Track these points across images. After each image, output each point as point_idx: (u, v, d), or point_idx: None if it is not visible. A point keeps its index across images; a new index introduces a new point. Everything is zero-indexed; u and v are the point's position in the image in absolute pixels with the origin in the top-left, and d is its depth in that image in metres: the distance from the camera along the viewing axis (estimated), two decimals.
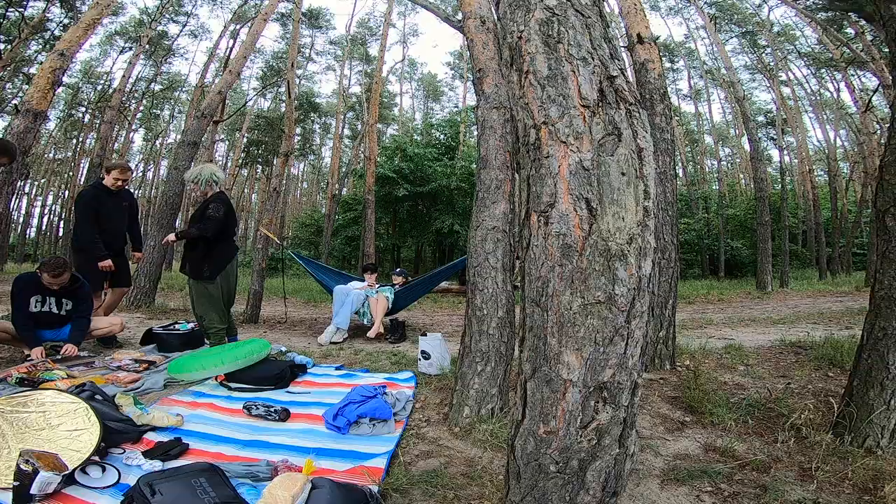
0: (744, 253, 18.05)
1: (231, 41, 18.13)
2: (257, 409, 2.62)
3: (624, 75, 1.32)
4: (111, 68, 22.85)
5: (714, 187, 22.82)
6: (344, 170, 21.26)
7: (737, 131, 25.66)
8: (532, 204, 1.32)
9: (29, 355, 3.42)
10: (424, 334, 3.70)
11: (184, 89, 25.67)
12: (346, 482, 1.75)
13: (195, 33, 23.23)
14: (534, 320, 1.32)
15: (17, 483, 1.64)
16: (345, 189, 20.49)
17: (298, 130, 25.10)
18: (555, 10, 1.32)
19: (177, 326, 4.30)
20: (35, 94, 5.09)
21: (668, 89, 4.15)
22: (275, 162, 23.35)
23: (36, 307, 3.52)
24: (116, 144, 22.36)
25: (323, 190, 25.96)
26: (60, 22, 14.90)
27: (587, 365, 1.23)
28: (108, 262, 4.06)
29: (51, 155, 27.07)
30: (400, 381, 3.31)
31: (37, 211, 29.92)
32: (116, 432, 2.14)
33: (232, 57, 12.46)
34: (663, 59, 4.72)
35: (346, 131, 27.73)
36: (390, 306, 5.14)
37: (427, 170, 14.93)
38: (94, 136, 19.12)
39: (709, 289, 11.95)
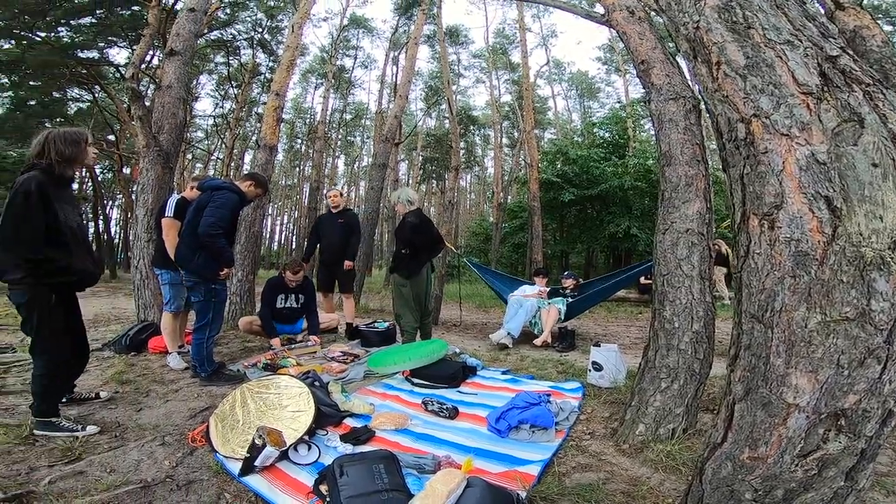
0: None
1: (394, 67, 20.46)
2: (432, 404, 2.86)
3: (847, 53, 1.13)
4: (311, 103, 27.96)
5: None
6: (507, 178, 21.63)
7: None
8: (750, 206, 1.19)
9: (273, 345, 4.39)
10: (598, 345, 3.53)
11: (367, 117, 29.76)
12: (497, 484, 1.79)
13: (365, 64, 27.04)
14: (753, 338, 1.19)
15: (248, 455, 2.01)
16: (509, 197, 20.78)
17: (462, 144, 26.52)
18: None
19: (376, 325, 4.98)
20: (267, 131, 6.22)
21: None
22: (446, 176, 25.20)
23: (281, 303, 4.61)
24: (326, 170, 27.06)
25: (489, 199, 26.85)
26: (268, 66, 18.51)
27: (823, 389, 1.07)
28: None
29: (282, 182, 34.34)
30: (566, 391, 3.23)
31: (277, 228, 38.36)
32: (325, 416, 2.52)
33: (398, 83, 13.90)
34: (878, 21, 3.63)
35: (505, 140, 28.23)
36: (562, 318, 5.10)
37: (594, 171, 14.07)
38: (311, 164, 23.43)
39: None
